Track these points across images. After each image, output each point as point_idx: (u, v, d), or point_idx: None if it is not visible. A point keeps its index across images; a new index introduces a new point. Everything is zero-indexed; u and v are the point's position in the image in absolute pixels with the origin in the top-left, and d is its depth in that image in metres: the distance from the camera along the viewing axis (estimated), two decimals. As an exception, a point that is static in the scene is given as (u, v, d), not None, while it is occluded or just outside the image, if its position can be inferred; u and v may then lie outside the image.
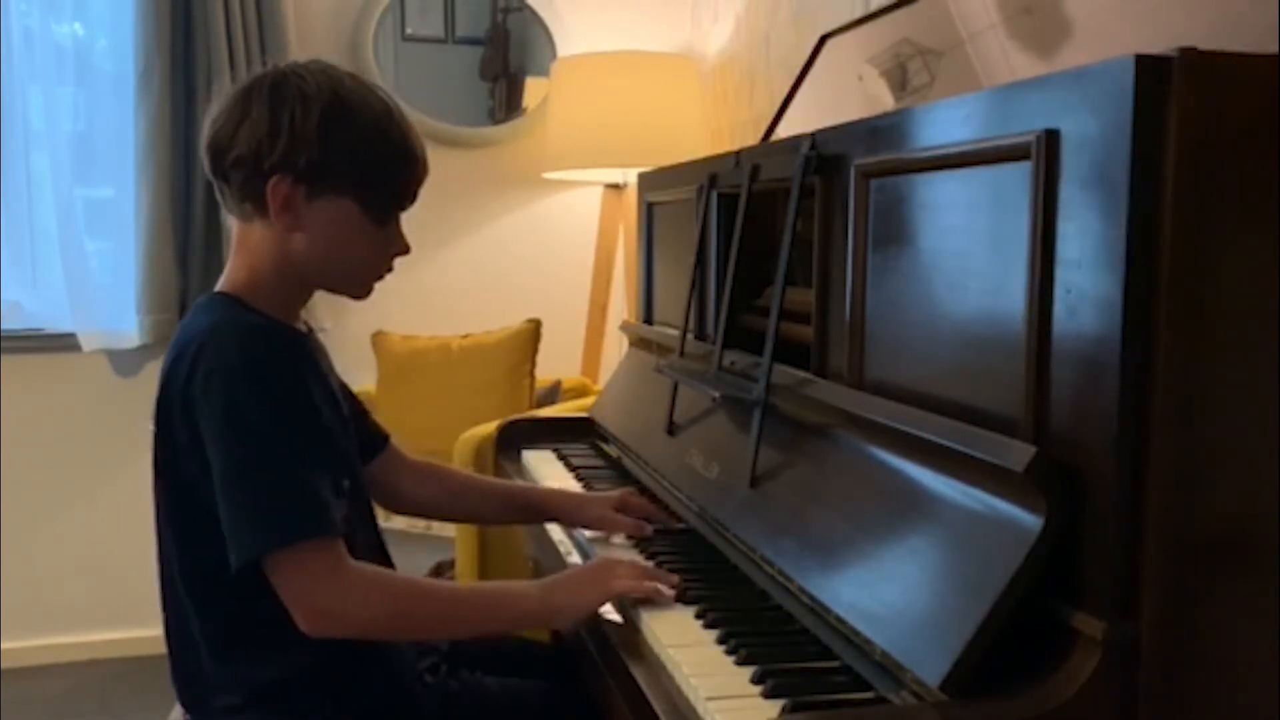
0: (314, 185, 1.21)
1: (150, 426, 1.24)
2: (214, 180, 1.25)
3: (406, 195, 1.29)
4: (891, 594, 1.01)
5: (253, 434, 1.14)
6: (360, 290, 1.31)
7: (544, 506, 1.61)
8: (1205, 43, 0.84)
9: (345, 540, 1.19)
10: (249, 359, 1.16)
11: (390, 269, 1.32)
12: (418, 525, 2.76)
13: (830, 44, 2.01)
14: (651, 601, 1.22)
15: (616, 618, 1.24)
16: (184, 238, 2.99)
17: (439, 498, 1.55)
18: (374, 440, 1.51)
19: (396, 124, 1.25)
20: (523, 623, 1.29)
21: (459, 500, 1.58)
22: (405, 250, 1.31)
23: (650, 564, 1.34)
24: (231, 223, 1.28)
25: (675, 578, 1.27)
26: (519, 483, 1.70)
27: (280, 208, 1.21)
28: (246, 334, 1.18)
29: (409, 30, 3.25)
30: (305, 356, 1.27)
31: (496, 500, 1.61)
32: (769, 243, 1.57)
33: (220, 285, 1.27)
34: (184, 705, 1.30)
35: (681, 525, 1.54)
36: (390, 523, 2.69)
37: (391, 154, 1.25)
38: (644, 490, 1.73)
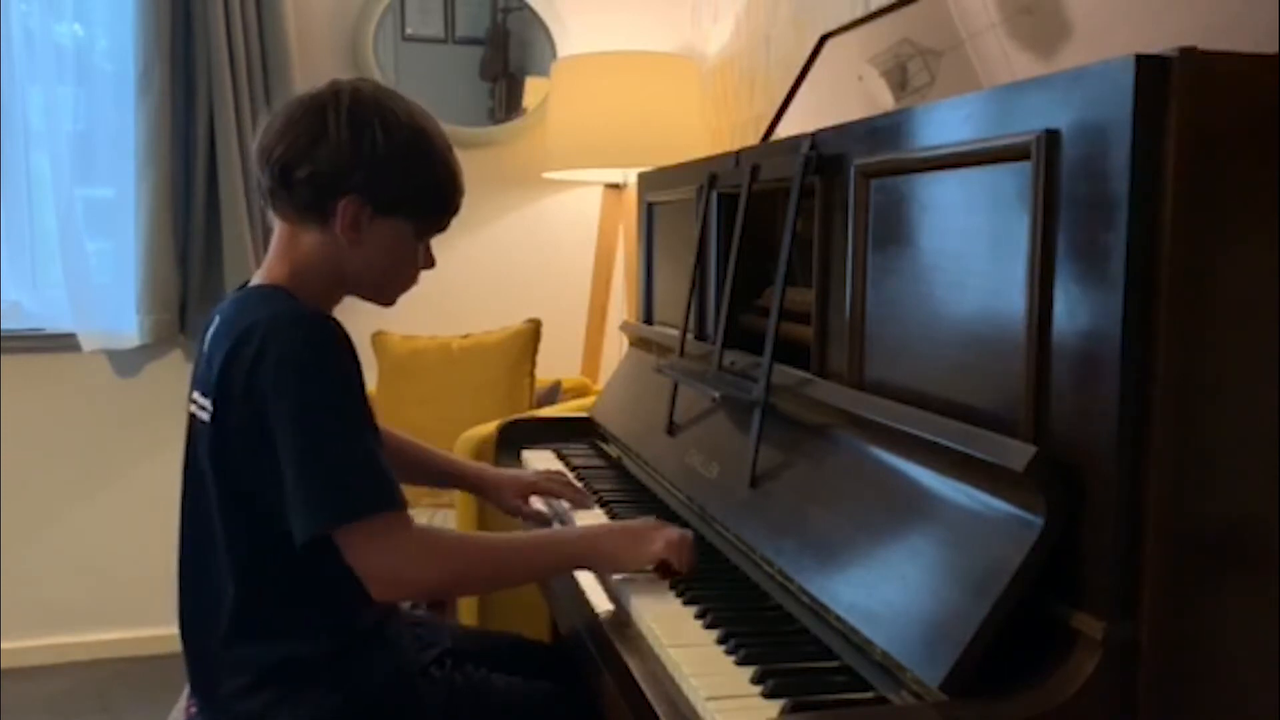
0: (382, 207, 1.28)
1: (192, 409, 1.28)
2: (272, 185, 1.28)
3: (451, 220, 1.37)
4: (891, 594, 1.01)
5: (325, 418, 1.20)
6: (390, 300, 1.39)
7: (460, 477, 1.72)
8: (1205, 43, 0.84)
9: None
10: (315, 346, 1.21)
11: (416, 282, 1.39)
12: (420, 515, 2.76)
13: (830, 44, 2.00)
14: (651, 599, 1.23)
15: (610, 607, 1.26)
16: (184, 238, 2.98)
17: None
18: None
19: (454, 157, 1.34)
20: (570, 566, 1.36)
21: None
22: (431, 264, 1.39)
23: (689, 537, 1.31)
24: (272, 220, 1.33)
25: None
26: (446, 454, 1.74)
27: (348, 225, 1.27)
28: (310, 324, 1.23)
29: (409, 30, 3.25)
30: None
31: (411, 463, 1.66)
32: (769, 243, 1.57)
33: (262, 278, 1.32)
34: (194, 690, 1.33)
35: (596, 502, 1.62)
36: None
37: (453, 187, 1.34)
38: (644, 490, 1.73)
